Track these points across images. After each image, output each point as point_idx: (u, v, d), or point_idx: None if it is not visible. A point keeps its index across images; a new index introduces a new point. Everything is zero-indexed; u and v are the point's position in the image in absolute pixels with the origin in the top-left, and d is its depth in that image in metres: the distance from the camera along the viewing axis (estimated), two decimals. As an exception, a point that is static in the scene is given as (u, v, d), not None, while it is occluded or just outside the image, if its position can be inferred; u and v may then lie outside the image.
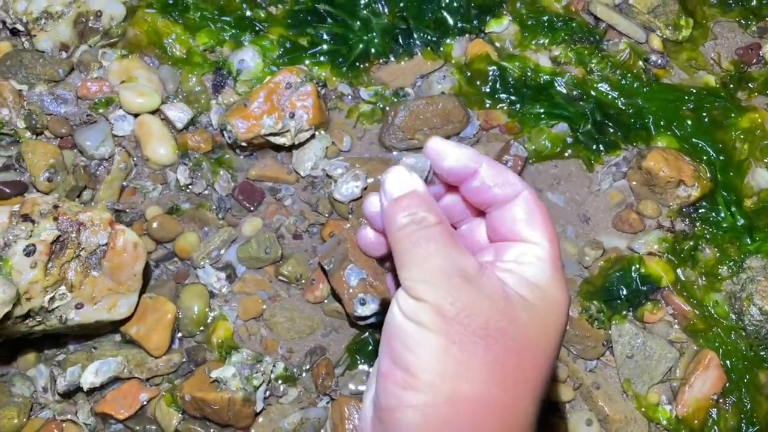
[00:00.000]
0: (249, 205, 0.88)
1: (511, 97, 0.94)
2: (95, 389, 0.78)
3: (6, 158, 0.87)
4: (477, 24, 0.97)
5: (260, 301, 0.84)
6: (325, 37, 0.95)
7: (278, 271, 0.85)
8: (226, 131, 0.88)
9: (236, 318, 0.83)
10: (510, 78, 0.94)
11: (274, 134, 0.87)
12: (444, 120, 0.90)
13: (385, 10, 0.97)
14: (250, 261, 0.85)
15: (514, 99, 0.93)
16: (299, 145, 0.90)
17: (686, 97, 0.95)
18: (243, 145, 0.88)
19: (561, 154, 0.93)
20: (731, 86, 0.98)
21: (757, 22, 1.03)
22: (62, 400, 0.79)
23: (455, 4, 0.97)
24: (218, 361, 0.80)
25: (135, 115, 0.90)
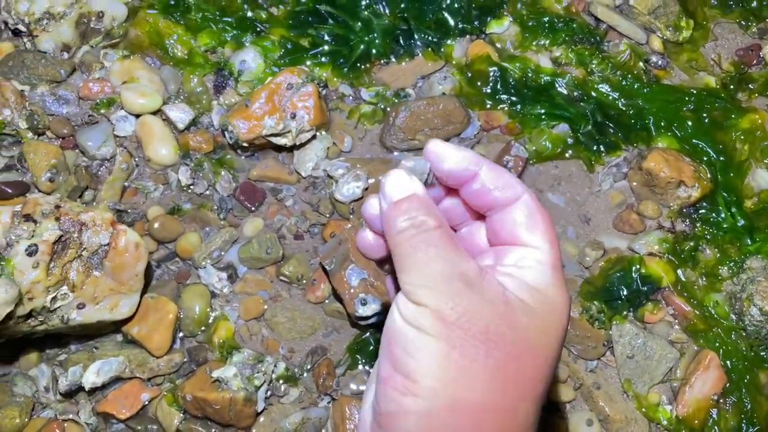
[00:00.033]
0: (250, 206, 0.88)
1: (511, 97, 0.94)
2: (97, 389, 0.78)
3: (8, 158, 0.87)
4: (478, 25, 0.98)
5: (261, 301, 0.84)
6: (326, 37, 0.95)
7: (279, 271, 0.85)
8: (227, 132, 0.88)
9: (237, 318, 0.84)
10: (511, 79, 0.94)
11: (275, 135, 0.87)
12: (445, 121, 0.90)
13: (386, 11, 0.97)
14: (251, 261, 0.85)
15: (515, 100, 0.94)
16: (300, 146, 0.90)
17: (687, 98, 0.95)
18: (244, 146, 0.88)
19: (562, 155, 0.93)
20: (731, 87, 0.98)
21: (757, 23, 1.03)
22: (64, 400, 0.79)
23: (456, 5, 0.97)
24: (219, 361, 0.80)
25: (136, 116, 0.90)
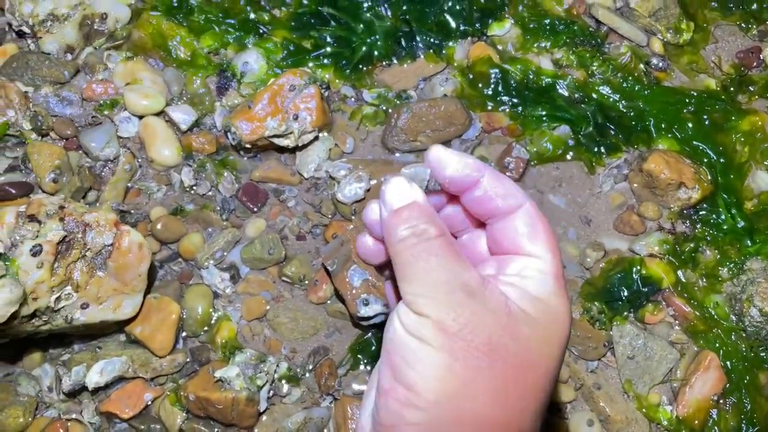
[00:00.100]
0: (253, 207, 0.89)
1: (513, 99, 0.94)
2: (100, 389, 0.79)
3: (12, 159, 0.87)
4: (479, 27, 0.98)
5: (264, 301, 0.85)
6: (328, 39, 0.95)
7: (282, 271, 0.85)
8: (230, 133, 0.88)
9: (240, 318, 0.84)
10: (512, 81, 0.95)
11: (277, 136, 0.88)
12: (446, 122, 0.91)
13: (388, 13, 0.97)
14: (253, 262, 0.86)
15: (516, 101, 0.94)
16: (303, 147, 0.90)
17: (687, 100, 0.96)
18: (247, 147, 0.89)
19: (562, 157, 0.93)
20: (732, 89, 0.98)
21: (757, 25, 1.03)
22: (67, 400, 0.79)
23: (457, 7, 0.98)
24: (222, 361, 0.80)
25: (140, 117, 0.91)
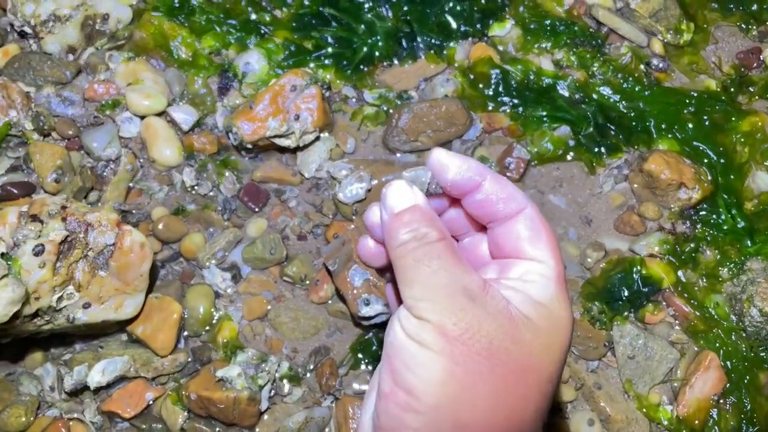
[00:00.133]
0: (254, 207, 0.89)
1: (513, 100, 0.94)
2: (102, 388, 0.79)
3: (14, 159, 0.88)
4: (480, 28, 0.98)
5: (265, 301, 0.85)
6: (329, 40, 0.96)
7: (283, 271, 0.86)
8: (231, 133, 0.88)
9: (241, 318, 0.84)
10: (513, 81, 0.95)
11: (279, 136, 0.88)
12: (447, 123, 0.91)
13: (389, 14, 0.97)
14: (255, 262, 0.86)
15: (517, 102, 0.94)
16: (304, 147, 0.90)
17: (687, 101, 0.96)
18: (248, 147, 0.89)
19: (563, 157, 0.93)
20: (732, 90, 0.99)
21: (757, 26, 1.03)
22: (69, 399, 0.80)
23: (458, 8, 0.98)
24: (223, 360, 0.81)
25: (141, 117, 0.91)
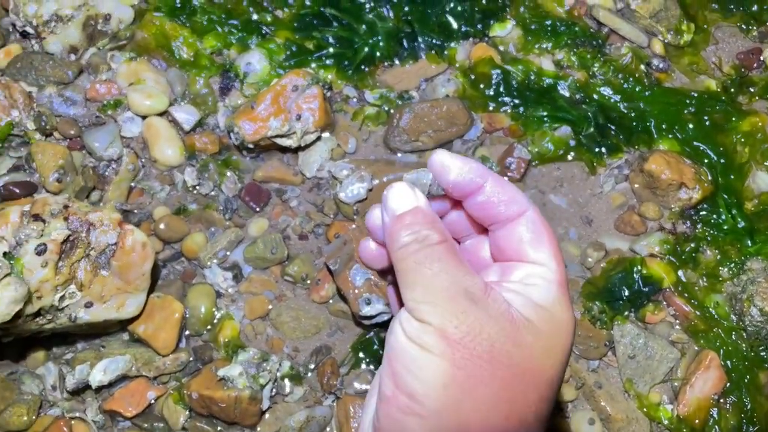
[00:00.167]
0: (255, 206, 0.89)
1: (514, 100, 0.95)
2: (103, 387, 0.79)
3: (16, 159, 0.88)
4: (481, 28, 0.98)
5: (266, 300, 0.85)
6: (330, 40, 0.96)
7: (284, 271, 0.86)
8: (233, 133, 0.89)
9: (243, 317, 0.84)
10: (513, 81, 0.95)
11: (280, 136, 0.88)
12: (448, 123, 0.91)
13: (390, 14, 0.98)
14: (256, 261, 0.86)
15: (518, 102, 0.94)
16: (305, 147, 0.91)
17: (687, 101, 0.96)
18: (250, 147, 0.89)
19: (564, 157, 0.94)
20: (732, 90, 0.99)
21: (758, 26, 1.04)
22: (71, 398, 0.80)
23: (459, 9, 0.98)
24: (225, 359, 0.81)
25: (143, 117, 0.91)
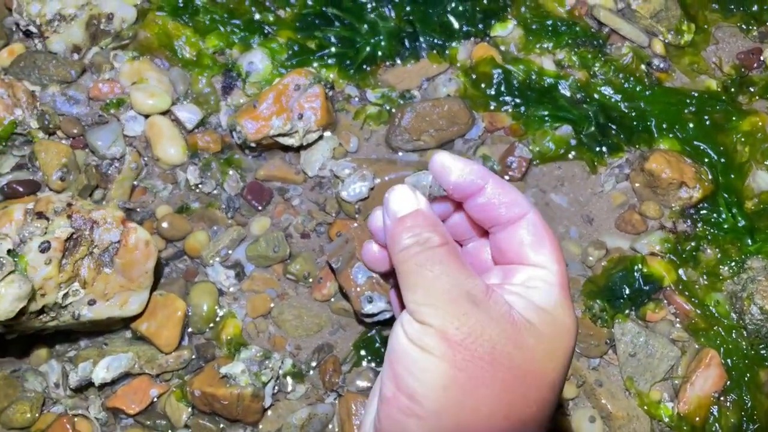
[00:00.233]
0: (257, 205, 0.89)
1: (515, 99, 0.95)
2: (106, 384, 0.79)
3: (19, 158, 0.88)
4: (482, 28, 0.99)
5: (268, 299, 0.85)
6: (332, 40, 0.96)
7: (286, 269, 0.86)
8: (235, 132, 0.89)
9: (245, 315, 0.85)
10: (514, 81, 0.96)
11: (282, 135, 0.88)
12: (449, 122, 0.91)
13: (392, 14, 0.98)
14: (258, 259, 0.86)
15: (519, 102, 0.95)
16: (307, 146, 0.91)
17: (688, 101, 0.96)
18: (252, 146, 0.89)
19: (565, 156, 0.94)
20: (732, 90, 0.99)
21: (758, 27, 1.04)
22: (74, 395, 0.80)
23: (461, 9, 0.99)
24: (227, 357, 0.81)
25: (146, 116, 0.91)
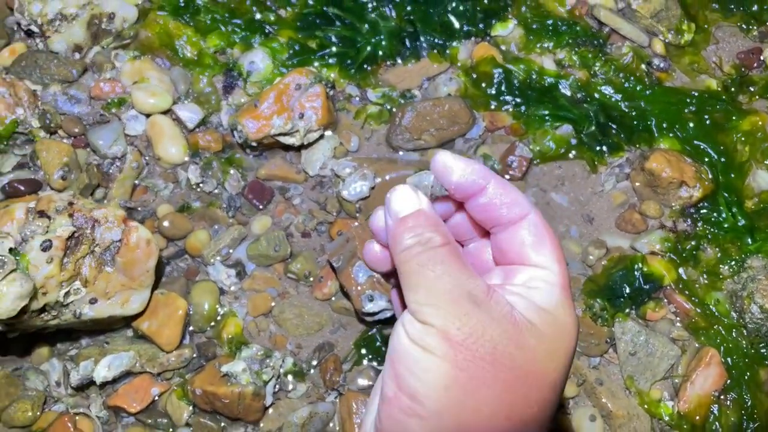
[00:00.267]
0: (258, 204, 0.90)
1: (516, 99, 0.95)
2: (107, 383, 0.80)
3: (21, 157, 0.88)
4: (483, 27, 0.99)
5: (269, 297, 0.86)
6: (333, 39, 0.96)
7: (287, 268, 0.86)
8: (236, 131, 0.89)
9: (246, 314, 0.85)
10: (515, 80, 0.96)
11: (283, 134, 0.88)
12: (450, 121, 0.92)
13: (393, 14, 0.98)
14: (259, 258, 0.87)
15: (519, 101, 0.95)
16: (308, 145, 0.91)
17: (688, 100, 0.96)
18: (253, 145, 0.90)
19: (565, 156, 0.94)
20: (732, 89, 0.99)
21: (758, 26, 1.04)
22: (75, 394, 0.80)
23: (461, 8, 0.99)
24: (228, 356, 0.81)
25: (147, 115, 0.92)
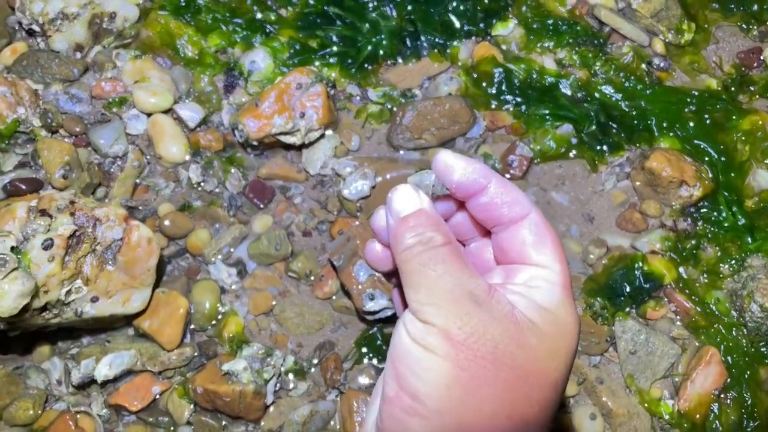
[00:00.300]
0: (259, 203, 0.90)
1: (516, 98, 0.95)
2: (108, 382, 0.80)
3: (22, 156, 0.88)
4: (483, 27, 0.99)
5: (270, 296, 0.86)
6: (334, 39, 0.96)
7: (288, 267, 0.86)
8: (237, 130, 0.89)
9: (247, 313, 0.85)
10: (516, 80, 0.96)
11: (284, 133, 0.89)
12: (451, 121, 0.92)
13: (393, 13, 0.98)
14: (260, 257, 0.87)
15: (520, 100, 0.95)
16: (309, 145, 0.91)
17: (688, 100, 0.97)
18: (254, 144, 0.90)
19: (566, 155, 0.94)
20: (733, 89, 0.99)
21: (758, 26, 1.04)
22: (76, 392, 0.80)
23: (462, 8, 0.99)
24: (229, 354, 0.81)
25: (148, 115, 0.92)
